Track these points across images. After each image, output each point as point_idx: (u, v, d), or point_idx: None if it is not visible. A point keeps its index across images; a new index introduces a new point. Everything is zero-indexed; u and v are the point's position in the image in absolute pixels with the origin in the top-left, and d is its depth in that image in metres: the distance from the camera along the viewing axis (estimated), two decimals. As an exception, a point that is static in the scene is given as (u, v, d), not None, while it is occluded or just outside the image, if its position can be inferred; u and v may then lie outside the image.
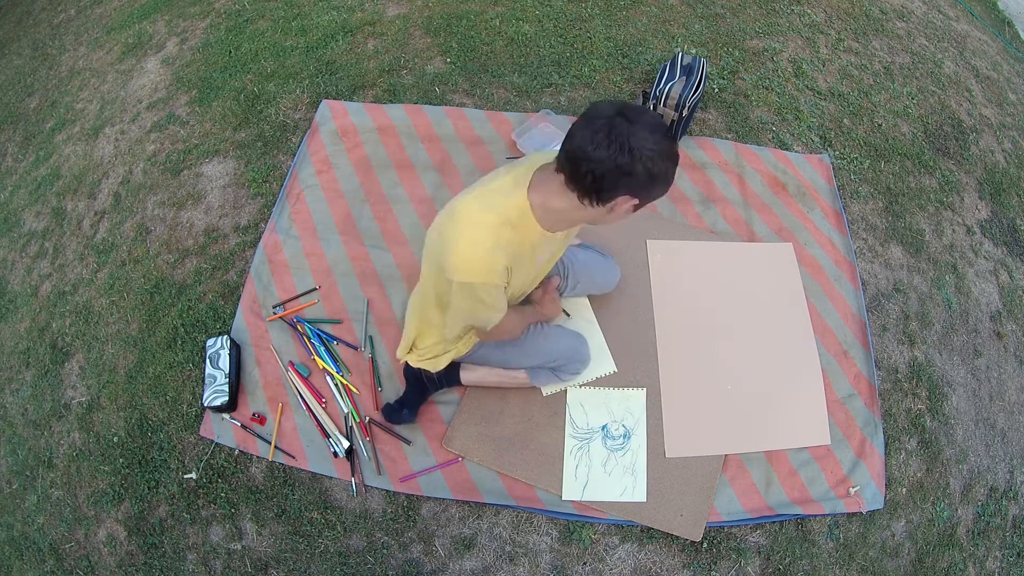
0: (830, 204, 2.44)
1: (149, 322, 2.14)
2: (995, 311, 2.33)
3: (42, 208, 2.57)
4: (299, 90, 2.67)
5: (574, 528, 1.80)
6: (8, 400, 2.14)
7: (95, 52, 3.21)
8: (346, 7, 3.03)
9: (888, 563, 1.84)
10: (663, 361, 2.03)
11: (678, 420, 1.94)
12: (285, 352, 2.03)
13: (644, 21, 2.98)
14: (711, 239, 2.29)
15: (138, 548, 1.82)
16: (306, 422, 1.92)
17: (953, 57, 3.12)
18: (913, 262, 2.36)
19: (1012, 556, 1.95)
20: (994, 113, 2.94)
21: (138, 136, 2.65)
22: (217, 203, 2.38)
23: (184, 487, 1.87)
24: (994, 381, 2.19)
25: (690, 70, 2.40)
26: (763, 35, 2.98)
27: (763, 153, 2.54)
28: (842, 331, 2.14)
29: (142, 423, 1.97)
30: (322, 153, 2.44)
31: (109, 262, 2.31)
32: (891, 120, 2.75)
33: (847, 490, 1.87)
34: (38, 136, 2.92)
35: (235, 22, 3.04)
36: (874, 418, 1.99)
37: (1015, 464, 2.08)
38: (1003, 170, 2.73)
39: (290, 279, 2.16)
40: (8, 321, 2.32)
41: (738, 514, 1.82)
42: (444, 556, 1.77)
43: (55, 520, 1.91)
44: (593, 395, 1.96)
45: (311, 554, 1.78)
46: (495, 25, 2.90)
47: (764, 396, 2.00)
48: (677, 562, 1.77)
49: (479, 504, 1.82)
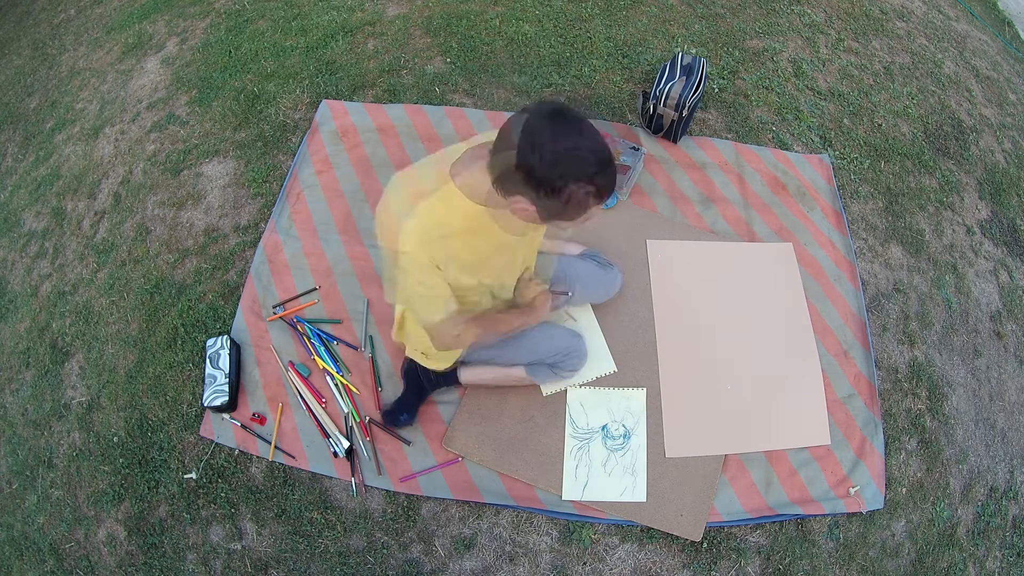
0: (830, 204, 2.44)
1: (149, 322, 2.14)
2: (995, 311, 2.33)
3: (42, 208, 2.57)
4: (299, 90, 2.67)
5: (574, 528, 1.80)
6: (8, 400, 2.14)
7: (95, 52, 3.21)
8: (346, 7, 3.03)
9: (888, 563, 1.84)
10: (663, 361, 2.03)
11: (678, 420, 1.94)
12: (285, 352, 2.03)
13: (644, 21, 2.98)
14: (711, 239, 2.29)
15: (138, 548, 1.82)
16: (306, 422, 1.92)
17: (953, 57, 3.12)
18: (913, 262, 2.36)
19: (1012, 556, 1.95)
20: (994, 113, 2.94)
21: (138, 136, 2.65)
22: (217, 203, 2.38)
23: (184, 487, 1.87)
24: (994, 381, 2.19)
25: (690, 70, 2.40)
26: (763, 35, 2.98)
27: (763, 153, 2.54)
28: (842, 331, 2.14)
29: (142, 423, 1.97)
30: (322, 153, 2.44)
31: (109, 262, 2.31)
32: (891, 120, 2.75)
33: (847, 490, 1.87)
34: (38, 136, 2.92)
35: (235, 22, 3.04)
36: (874, 418, 1.99)
37: (1015, 464, 2.08)
38: (1003, 170, 2.73)
39: (290, 279, 2.16)
40: (8, 321, 2.32)
41: (738, 514, 1.82)
42: (444, 556, 1.77)
43: (55, 520, 1.91)
44: (593, 395, 1.96)
45: (311, 554, 1.78)
46: (495, 25, 2.90)
47: (764, 396, 2.00)
48: (677, 562, 1.77)
49: (479, 504, 1.82)
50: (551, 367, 1.82)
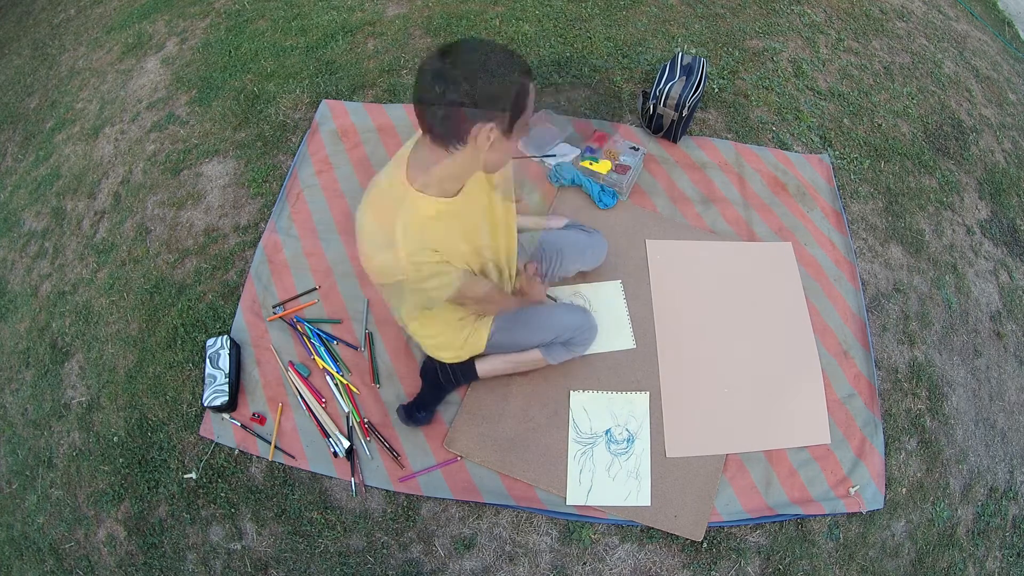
0: (830, 204, 2.44)
1: (149, 322, 2.14)
2: (995, 311, 2.33)
3: (42, 208, 2.57)
4: (299, 90, 2.67)
5: (574, 528, 1.80)
6: (8, 400, 2.14)
7: (95, 52, 3.21)
8: (346, 7, 3.04)
9: (888, 563, 1.84)
10: (663, 360, 2.03)
11: (678, 420, 1.94)
12: (285, 352, 2.03)
13: (644, 21, 2.98)
14: (711, 239, 2.29)
15: (138, 548, 1.82)
16: (306, 422, 1.92)
17: (953, 57, 3.12)
18: (913, 262, 2.36)
19: (1012, 556, 1.95)
20: (994, 113, 2.94)
21: (138, 136, 2.65)
22: (217, 203, 2.38)
23: (184, 487, 1.86)
24: (994, 381, 2.19)
25: (690, 70, 2.40)
26: (763, 35, 2.98)
27: (763, 153, 2.54)
28: (842, 331, 2.14)
29: (142, 423, 1.97)
30: (322, 153, 2.44)
31: (109, 262, 2.31)
32: (891, 120, 2.75)
33: (847, 490, 1.87)
34: (38, 136, 2.92)
35: (235, 22, 3.04)
36: (874, 418, 1.99)
37: (1015, 464, 2.08)
38: (1003, 170, 2.73)
39: (290, 279, 2.16)
40: (8, 321, 2.32)
41: (738, 514, 1.82)
42: (444, 556, 1.77)
43: (55, 520, 1.91)
44: (596, 399, 1.96)
45: (311, 554, 1.78)
46: (495, 25, 2.90)
47: (764, 395, 2.00)
48: (677, 562, 1.77)
49: (479, 504, 1.82)
50: (565, 345, 1.83)
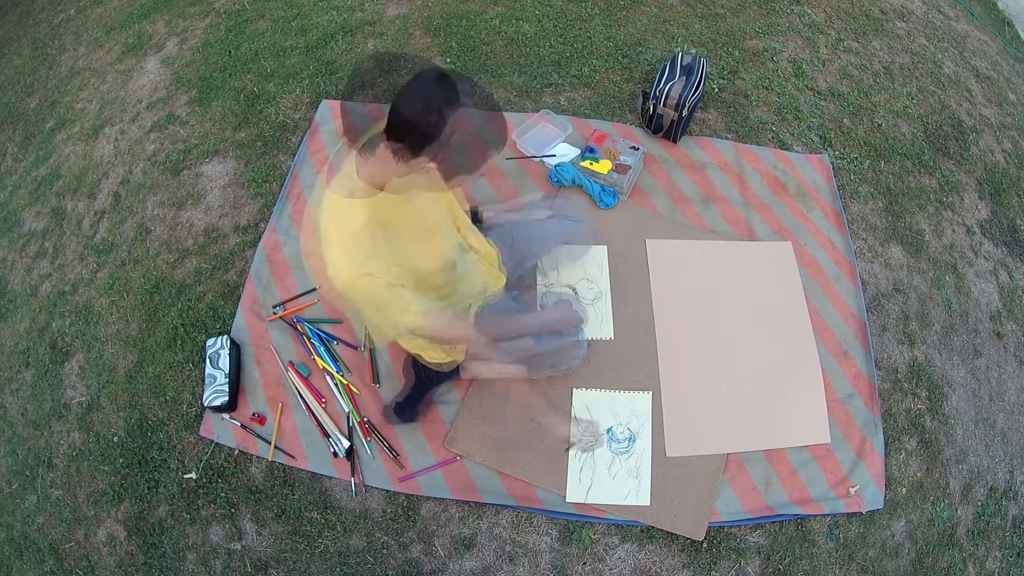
0: (830, 204, 2.44)
1: (149, 322, 2.14)
2: (995, 311, 2.33)
3: (42, 208, 2.57)
4: (299, 90, 2.67)
5: (574, 528, 1.80)
6: (8, 400, 2.14)
7: (95, 52, 3.21)
8: (346, 7, 3.03)
9: (888, 563, 1.84)
10: (663, 360, 2.03)
11: (679, 419, 1.94)
12: (285, 352, 2.03)
13: (644, 21, 2.98)
14: (711, 239, 2.29)
15: (138, 548, 1.82)
16: (306, 422, 1.92)
17: (953, 57, 3.12)
18: (913, 262, 2.36)
19: (1012, 556, 1.95)
20: (994, 113, 2.94)
21: (138, 136, 2.65)
22: (217, 203, 2.38)
23: (184, 487, 1.86)
24: (994, 381, 2.19)
25: (690, 70, 2.41)
26: (763, 35, 2.98)
27: (763, 153, 2.54)
28: (842, 331, 2.14)
29: (142, 423, 1.97)
30: (322, 153, 2.44)
31: (109, 262, 2.31)
32: (891, 120, 2.75)
33: (847, 490, 1.87)
34: (38, 136, 2.92)
35: (235, 22, 3.04)
36: (874, 418, 1.99)
37: (1015, 464, 2.08)
38: (1003, 170, 2.73)
39: (290, 279, 2.16)
40: (8, 321, 2.32)
41: (738, 514, 1.82)
42: (444, 556, 1.77)
43: (55, 520, 1.91)
44: (598, 398, 1.96)
45: (311, 554, 1.78)
46: (495, 25, 2.90)
47: (764, 395, 2.00)
48: (677, 562, 1.77)
49: (479, 504, 1.82)
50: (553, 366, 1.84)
